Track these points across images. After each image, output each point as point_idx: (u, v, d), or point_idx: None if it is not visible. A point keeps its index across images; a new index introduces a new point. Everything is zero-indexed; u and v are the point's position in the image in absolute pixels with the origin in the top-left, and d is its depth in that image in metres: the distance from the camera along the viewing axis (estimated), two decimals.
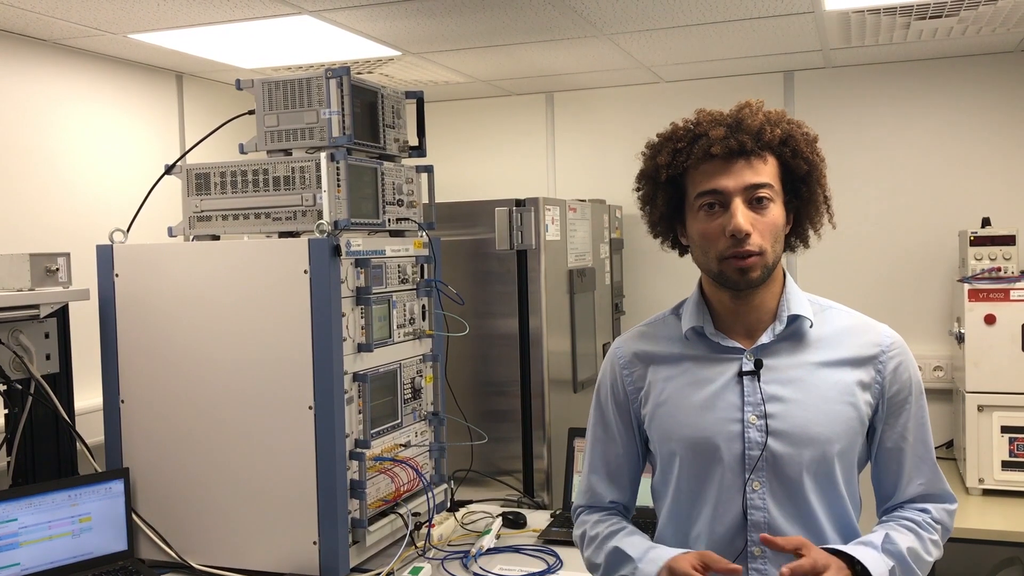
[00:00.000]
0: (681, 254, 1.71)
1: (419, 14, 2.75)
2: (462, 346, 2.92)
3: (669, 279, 4.04)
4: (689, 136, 1.58)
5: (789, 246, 1.66)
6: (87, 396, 2.73)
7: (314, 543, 2.26)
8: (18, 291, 2.35)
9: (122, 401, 2.47)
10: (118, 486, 2.41)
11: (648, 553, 1.58)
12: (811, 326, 1.61)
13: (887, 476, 1.65)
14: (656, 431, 1.67)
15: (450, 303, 2.72)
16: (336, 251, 2.23)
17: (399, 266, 2.52)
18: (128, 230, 2.51)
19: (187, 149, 2.56)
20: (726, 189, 1.53)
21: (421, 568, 2.30)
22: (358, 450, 2.31)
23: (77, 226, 3.06)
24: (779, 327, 1.60)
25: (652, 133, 1.68)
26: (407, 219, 2.59)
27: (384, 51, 3.21)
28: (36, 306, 2.37)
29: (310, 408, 2.25)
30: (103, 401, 2.49)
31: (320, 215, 2.30)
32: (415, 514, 2.52)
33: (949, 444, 3.78)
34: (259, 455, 2.31)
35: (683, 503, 1.64)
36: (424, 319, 2.65)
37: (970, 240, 3.37)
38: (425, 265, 2.66)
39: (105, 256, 2.47)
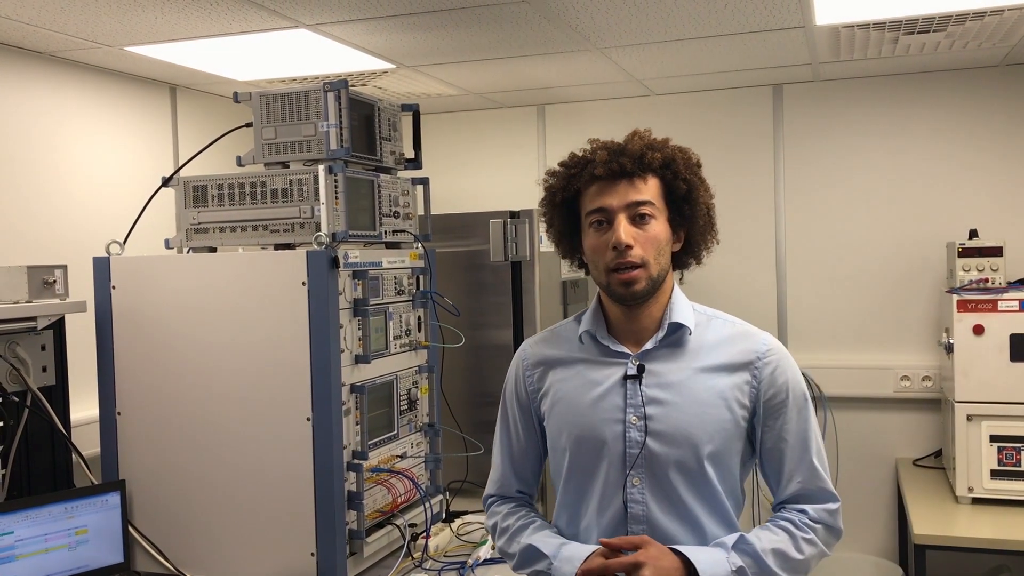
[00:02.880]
0: (587, 273, 1.83)
1: (416, 28, 2.77)
2: (456, 357, 2.93)
3: None
4: (580, 163, 1.74)
5: (683, 264, 1.80)
6: (83, 408, 2.72)
7: (312, 554, 2.26)
8: (15, 303, 2.35)
9: (118, 413, 2.47)
10: (114, 498, 2.41)
11: (561, 551, 1.72)
12: (691, 334, 1.74)
13: (770, 474, 1.78)
14: (550, 428, 1.82)
15: (444, 315, 2.73)
16: (334, 263, 2.25)
17: (395, 278, 2.54)
18: (124, 242, 2.52)
19: (184, 161, 2.57)
20: (610, 207, 1.68)
21: None
22: (356, 461, 2.32)
23: (73, 238, 3.06)
24: (661, 335, 1.74)
25: None
26: (403, 231, 2.61)
27: (379, 64, 3.23)
28: (33, 318, 2.36)
29: (308, 420, 2.25)
30: (99, 413, 2.50)
31: (318, 227, 2.32)
32: (411, 525, 2.53)
33: (938, 454, 3.82)
34: (257, 467, 2.32)
35: (572, 495, 1.78)
36: (420, 330, 2.66)
37: (958, 251, 3.41)
38: (421, 277, 2.67)
39: (102, 268, 2.47)
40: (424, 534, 2.54)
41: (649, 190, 1.69)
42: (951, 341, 3.28)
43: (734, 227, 4.07)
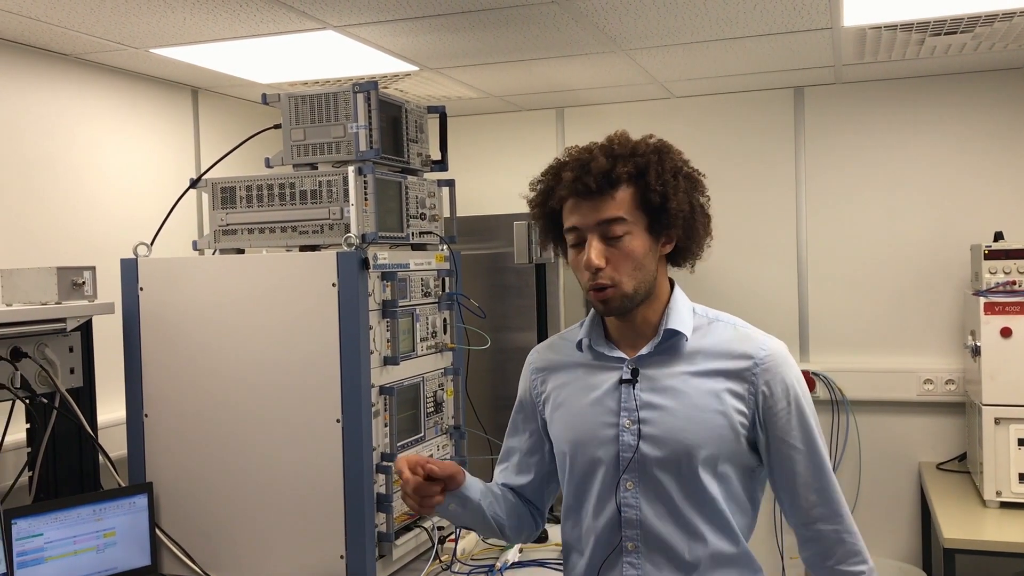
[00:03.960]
0: None
1: (443, 29, 2.77)
2: (481, 360, 2.92)
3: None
4: (553, 178, 1.71)
5: (677, 264, 1.75)
6: (110, 410, 2.72)
7: (341, 557, 2.25)
8: (44, 304, 2.35)
9: (146, 415, 2.47)
10: (142, 500, 2.41)
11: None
12: (687, 341, 1.71)
13: (780, 488, 1.71)
14: (553, 433, 1.83)
15: (468, 317, 2.72)
16: (364, 264, 2.24)
17: (422, 279, 2.53)
18: (152, 244, 2.51)
19: (213, 163, 2.57)
20: (583, 226, 1.65)
21: None
22: (385, 463, 2.31)
23: (99, 239, 3.06)
24: (656, 341, 1.71)
25: None
26: (430, 232, 2.60)
27: (402, 66, 3.22)
28: (63, 319, 2.36)
29: (338, 421, 2.25)
30: (126, 415, 2.49)
31: (347, 228, 2.31)
32: (439, 528, 2.51)
33: (962, 457, 3.80)
34: (286, 468, 2.31)
35: (573, 499, 1.79)
36: (445, 332, 2.65)
37: (984, 254, 3.38)
38: (446, 279, 2.67)
39: (129, 270, 2.47)
40: (452, 537, 2.53)
41: (619, 205, 1.64)
42: (978, 344, 3.26)
43: (755, 230, 4.06)
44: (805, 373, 3.88)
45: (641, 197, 1.64)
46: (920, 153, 3.91)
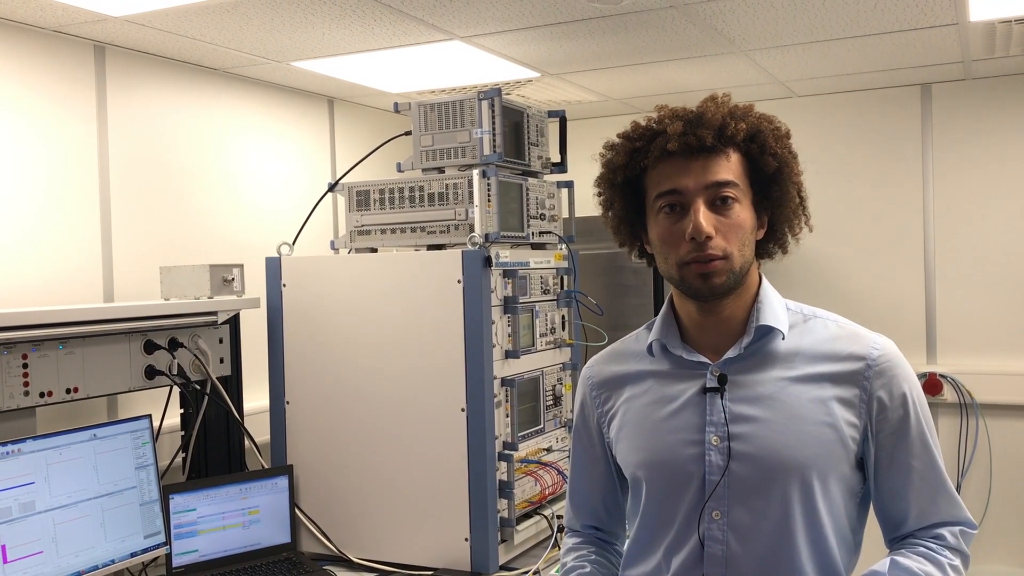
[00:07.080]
0: (649, 264, 1.61)
1: (564, 36, 2.86)
2: None
3: (802, 289, 4.02)
4: (648, 134, 1.48)
5: (767, 252, 1.54)
6: (255, 398, 2.93)
7: (465, 539, 2.37)
8: (197, 299, 2.57)
9: (287, 402, 2.65)
10: (283, 482, 2.59)
11: None
12: (783, 338, 1.49)
13: (890, 508, 1.49)
14: (620, 453, 1.60)
15: (586, 314, 2.80)
16: (487, 262, 2.36)
17: (541, 277, 2.63)
18: (293, 243, 2.70)
19: (349, 168, 2.74)
20: (686, 189, 1.43)
21: None
22: (506, 452, 2.42)
23: (246, 239, 3.29)
24: (746, 340, 1.48)
25: None
26: (549, 232, 2.70)
27: (524, 73, 3.33)
28: (214, 312, 2.58)
29: (462, 410, 2.37)
30: (270, 402, 2.68)
31: (471, 229, 2.44)
32: (558, 516, 2.61)
33: None
34: (414, 455, 2.45)
35: (646, 530, 1.55)
36: (564, 328, 2.75)
37: None
38: (565, 277, 2.76)
39: (273, 267, 2.66)
40: None
41: (731, 168, 1.43)
42: None
43: (881, 229, 3.99)
44: (932, 375, 3.81)
45: (751, 165, 1.46)
46: None
